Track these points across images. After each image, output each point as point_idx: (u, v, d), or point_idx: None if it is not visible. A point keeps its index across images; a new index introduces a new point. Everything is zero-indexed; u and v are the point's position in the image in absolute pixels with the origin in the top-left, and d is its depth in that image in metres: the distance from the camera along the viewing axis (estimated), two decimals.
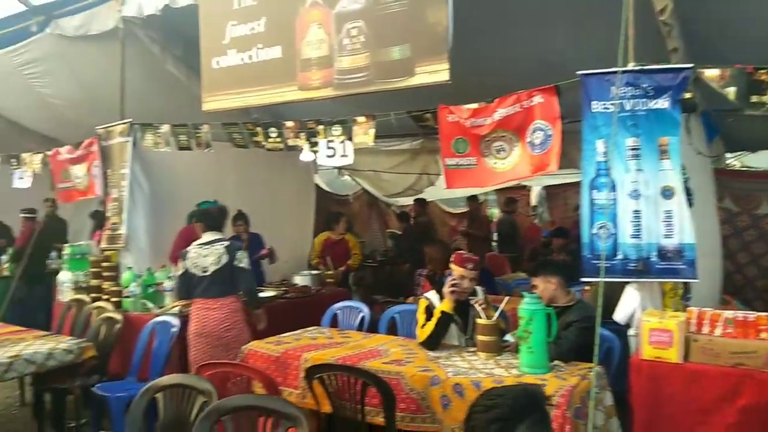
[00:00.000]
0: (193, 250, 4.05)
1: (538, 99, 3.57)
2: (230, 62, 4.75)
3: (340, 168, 8.05)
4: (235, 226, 5.85)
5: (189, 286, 4.03)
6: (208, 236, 4.11)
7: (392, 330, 4.23)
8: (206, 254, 3.99)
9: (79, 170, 5.59)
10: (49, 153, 6.00)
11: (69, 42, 5.74)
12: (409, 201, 8.74)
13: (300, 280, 5.61)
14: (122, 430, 3.65)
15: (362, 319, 4.30)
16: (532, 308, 2.93)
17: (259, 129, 4.88)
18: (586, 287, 3.99)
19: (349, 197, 9.39)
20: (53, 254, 7.21)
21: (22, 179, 6.12)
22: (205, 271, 3.95)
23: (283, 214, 7.08)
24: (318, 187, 8.16)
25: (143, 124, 5.17)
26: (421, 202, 8.51)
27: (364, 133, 4.22)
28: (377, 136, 4.28)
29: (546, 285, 3.31)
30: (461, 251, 3.42)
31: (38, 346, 3.62)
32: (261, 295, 4.98)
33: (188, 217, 5.72)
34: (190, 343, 3.93)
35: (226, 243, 4.10)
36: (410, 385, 2.89)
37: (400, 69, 3.95)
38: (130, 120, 5.19)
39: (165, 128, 5.09)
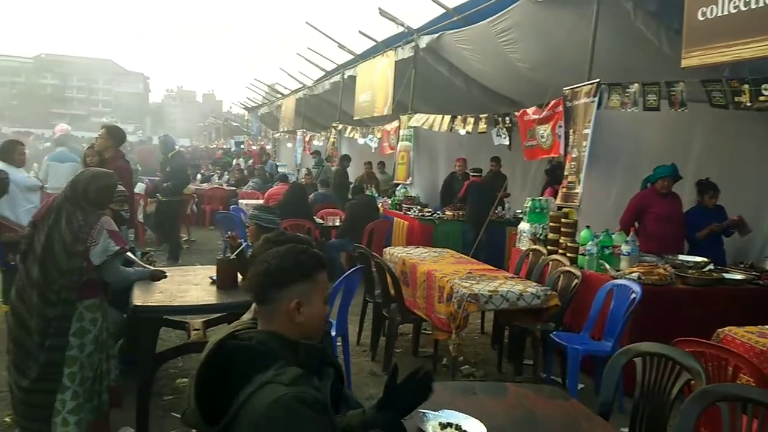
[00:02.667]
0: None
1: None
2: (720, 12, 4.20)
3: None
4: (704, 197, 5.31)
5: None
6: None
7: None
8: None
9: (543, 130, 5.96)
10: (517, 114, 6.58)
11: (541, 7, 6.06)
12: None
13: None
14: (575, 379, 3.84)
15: None
16: None
17: (745, 86, 4.24)
18: None
19: None
20: (506, 205, 8.09)
21: (500, 137, 6.91)
22: None
23: (751, 186, 6.07)
24: None
25: (611, 84, 5.11)
26: None
27: None
28: None
29: None
30: None
31: (510, 286, 4.06)
32: (726, 276, 4.46)
33: (643, 182, 5.49)
34: None
35: None
36: None
37: None
38: (598, 80, 5.19)
39: (634, 87, 4.93)
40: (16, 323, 2.97)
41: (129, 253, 3.50)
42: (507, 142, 6.78)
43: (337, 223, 7.96)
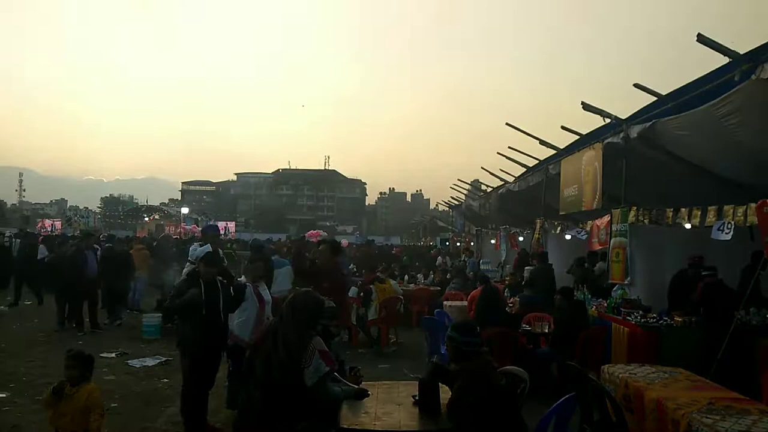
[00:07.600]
0: None
1: None
2: None
3: None
4: None
5: None
6: None
7: None
8: None
9: None
10: (755, 204, 5.66)
11: None
12: None
13: None
14: None
15: None
16: None
17: None
18: None
19: None
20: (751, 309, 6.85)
21: (722, 231, 6.02)
22: None
23: None
24: None
25: None
26: None
27: None
28: None
29: None
30: None
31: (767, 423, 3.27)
32: None
33: None
34: None
35: None
36: None
37: None
38: None
39: None
40: None
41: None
42: (728, 238, 5.85)
43: (546, 330, 7.46)
